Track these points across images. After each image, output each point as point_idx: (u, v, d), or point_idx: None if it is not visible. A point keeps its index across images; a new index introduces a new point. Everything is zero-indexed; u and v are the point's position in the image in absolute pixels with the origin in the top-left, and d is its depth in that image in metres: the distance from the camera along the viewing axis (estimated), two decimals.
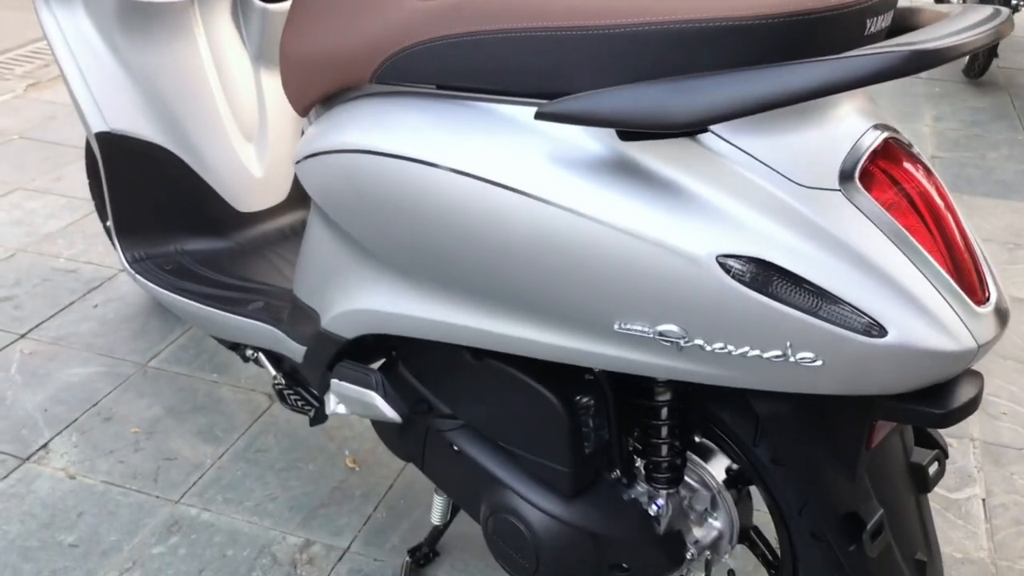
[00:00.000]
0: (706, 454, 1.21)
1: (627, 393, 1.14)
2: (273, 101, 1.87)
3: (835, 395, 0.95)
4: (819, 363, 0.88)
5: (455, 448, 1.26)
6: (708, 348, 0.92)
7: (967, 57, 3.90)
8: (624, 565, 1.20)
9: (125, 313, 2.28)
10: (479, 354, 1.16)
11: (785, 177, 0.89)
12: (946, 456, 1.18)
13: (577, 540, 1.16)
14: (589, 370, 1.13)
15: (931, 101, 3.77)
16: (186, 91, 1.75)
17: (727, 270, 0.88)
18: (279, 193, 1.90)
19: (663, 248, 0.89)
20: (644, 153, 0.92)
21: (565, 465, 1.13)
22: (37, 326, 2.22)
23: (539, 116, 0.90)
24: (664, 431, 1.13)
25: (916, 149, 0.96)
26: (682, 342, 0.92)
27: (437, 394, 1.25)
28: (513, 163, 0.95)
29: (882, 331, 0.86)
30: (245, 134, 1.86)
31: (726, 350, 0.91)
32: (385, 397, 1.20)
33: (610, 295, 0.93)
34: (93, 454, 1.82)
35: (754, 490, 1.23)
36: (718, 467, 1.20)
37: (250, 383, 2.04)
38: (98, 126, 1.68)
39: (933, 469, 1.12)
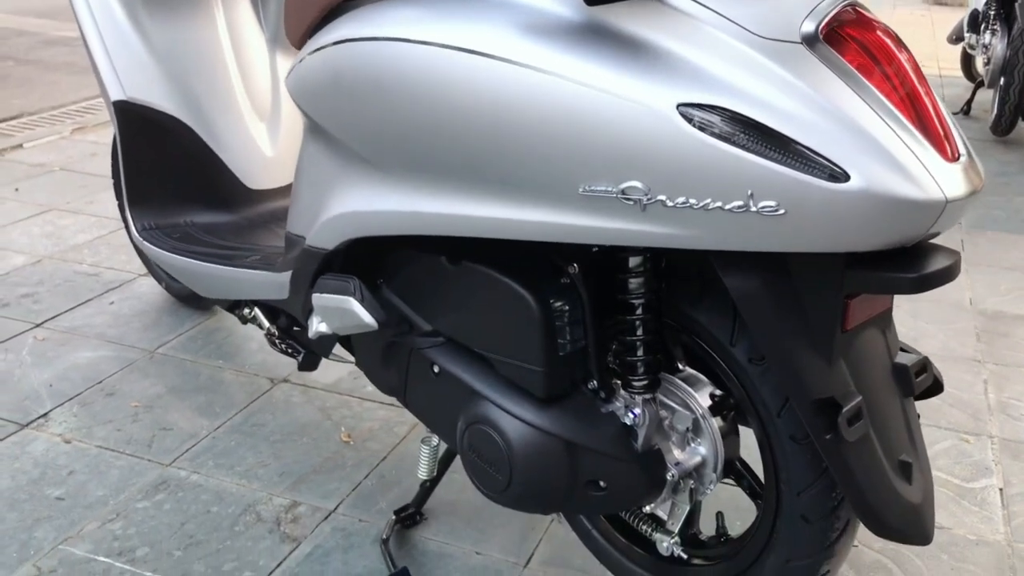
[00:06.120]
0: (692, 383, 1.18)
1: (602, 295, 1.13)
2: None
3: (803, 256, 0.93)
4: (781, 212, 0.87)
5: (435, 369, 1.24)
6: (670, 204, 0.91)
7: (995, 115, 3.92)
8: (601, 483, 1.15)
9: (139, 309, 2.31)
10: (456, 258, 1.16)
11: (746, 29, 0.89)
12: (941, 386, 1.13)
13: (551, 449, 1.13)
14: (564, 272, 1.12)
15: None
16: (203, 67, 1.82)
17: (688, 119, 0.88)
18: (289, 174, 1.94)
19: (625, 99, 0.90)
20: (609, 15, 0.94)
21: (538, 364, 1.11)
22: (53, 317, 2.26)
23: None
24: (639, 329, 1.11)
25: (887, 25, 0.97)
26: (645, 199, 0.92)
27: (417, 309, 1.24)
28: (483, 31, 0.98)
29: (844, 176, 0.84)
30: (259, 113, 1.92)
31: (688, 204, 0.90)
32: (362, 302, 1.20)
33: (574, 152, 0.93)
34: (91, 423, 1.83)
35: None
36: (703, 394, 1.18)
37: (254, 368, 2.04)
38: (117, 94, 1.75)
39: (919, 377, 1.08)
